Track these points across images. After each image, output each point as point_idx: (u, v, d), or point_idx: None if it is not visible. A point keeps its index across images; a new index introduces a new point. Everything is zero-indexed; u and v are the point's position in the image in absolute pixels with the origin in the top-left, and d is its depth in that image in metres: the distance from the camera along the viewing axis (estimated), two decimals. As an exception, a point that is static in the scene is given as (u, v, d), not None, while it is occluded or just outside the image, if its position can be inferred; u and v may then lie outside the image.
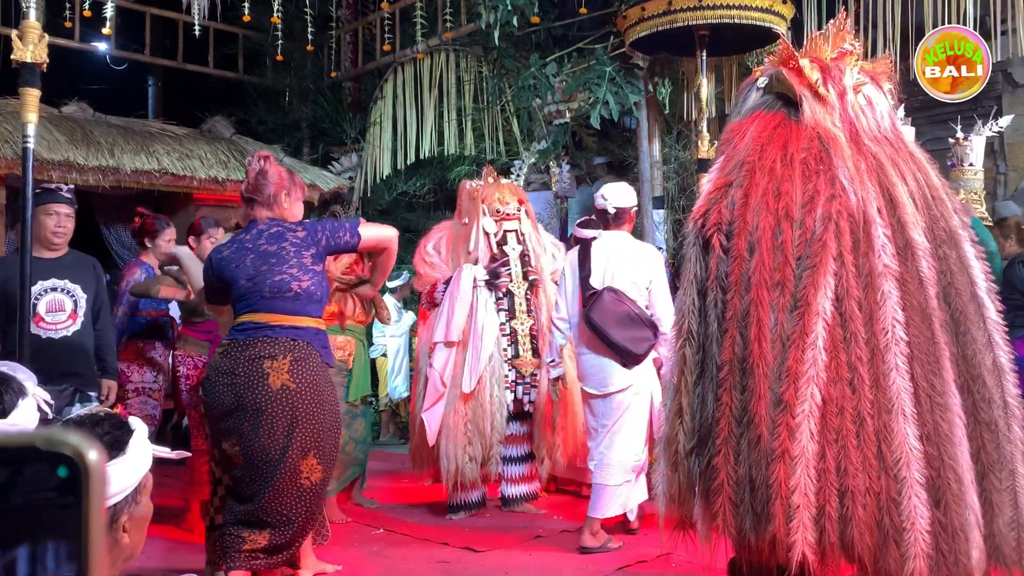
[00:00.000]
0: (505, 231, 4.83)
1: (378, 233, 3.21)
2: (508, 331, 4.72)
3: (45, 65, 3.22)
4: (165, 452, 1.51)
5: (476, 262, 4.76)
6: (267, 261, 2.97)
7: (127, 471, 1.35)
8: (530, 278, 4.82)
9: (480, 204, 4.84)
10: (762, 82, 2.78)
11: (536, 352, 4.74)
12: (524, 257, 4.85)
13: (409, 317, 7.53)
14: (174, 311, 6.60)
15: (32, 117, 3.19)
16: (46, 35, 3.23)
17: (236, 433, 2.96)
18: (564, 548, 4.06)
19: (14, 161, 6.43)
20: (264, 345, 2.95)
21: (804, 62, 2.66)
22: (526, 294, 4.80)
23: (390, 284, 7.24)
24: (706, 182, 2.72)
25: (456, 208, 5.07)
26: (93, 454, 0.45)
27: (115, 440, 1.36)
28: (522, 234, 4.88)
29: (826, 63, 2.70)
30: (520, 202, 4.92)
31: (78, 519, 0.45)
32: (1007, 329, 2.53)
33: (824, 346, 2.34)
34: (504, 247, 4.81)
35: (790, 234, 2.45)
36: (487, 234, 4.80)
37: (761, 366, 2.37)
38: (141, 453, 1.38)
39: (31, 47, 3.14)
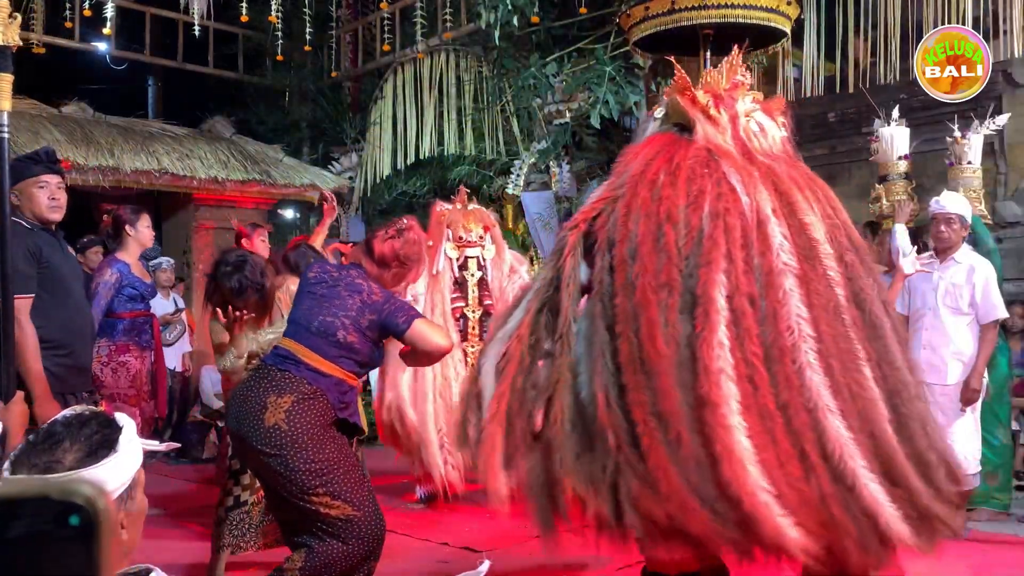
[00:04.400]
0: (467, 257, 5.03)
1: (427, 339, 2.86)
2: (460, 354, 4.87)
3: (16, 47, 2.92)
4: (154, 445, 1.51)
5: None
6: (332, 300, 2.90)
7: (120, 468, 1.34)
8: (485, 302, 5.02)
9: (445, 229, 5.04)
10: (659, 112, 2.92)
11: None
12: (483, 283, 5.04)
13: None
14: (156, 308, 6.57)
15: (6, 104, 2.90)
16: (18, 15, 2.95)
17: (241, 458, 2.94)
18: (564, 548, 4.06)
19: (14, 161, 6.43)
20: (279, 379, 2.85)
21: (698, 91, 2.78)
22: (480, 319, 4.99)
23: None
24: (590, 197, 2.81)
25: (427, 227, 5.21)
26: (103, 503, 0.46)
27: (105, 439, 1.36)
28: (483, 260, 5.07)
29: (719, 92, 2.83)
30: (486, 229, 5.11)
31: (90, 566, 0.45)
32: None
33: (728, 340, 2.34)
34: (464, 272, 5.00)
35: (673, 236, 2.47)
36: (449, 258, 5.02)
37: (662, 364, 2.36)
38: (132, 449, 1.38)
39: (1, 27, 2.85)
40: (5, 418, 2.29)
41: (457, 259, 5.00)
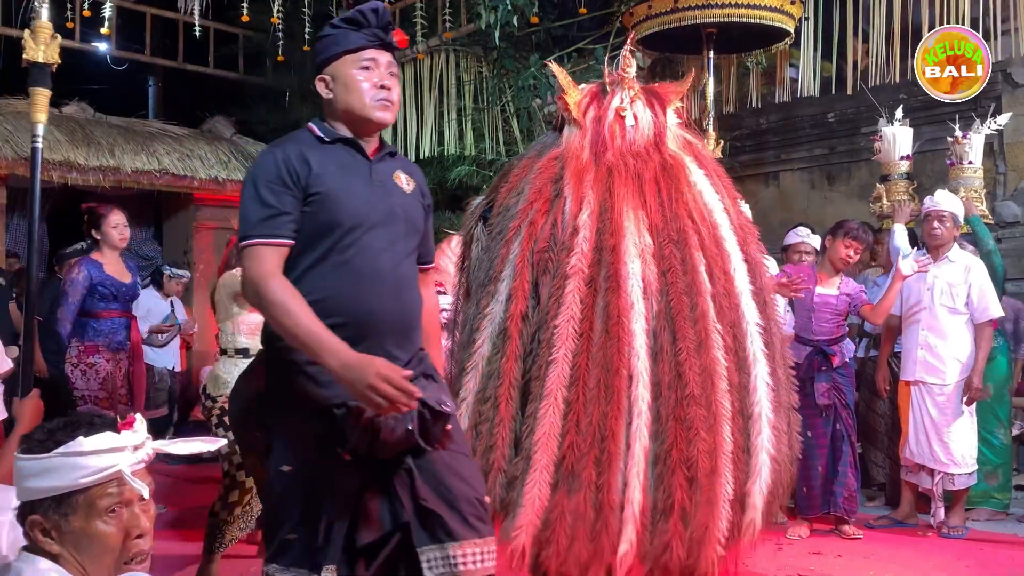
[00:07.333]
0: None
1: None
2: None
3: (56, 66, 3.25)
4: (187, 447, 1.52)
5: None
6: None
7: (96, 456, 1.37)
8: None
9: None
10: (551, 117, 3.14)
11: None
12: None
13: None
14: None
15: (42, 117, 3.22)
16: (58, 36, 3.27)
17: None
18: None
19: (15, 161, 6.43)
20: None
21: (571, 95, 2.89)
22: None
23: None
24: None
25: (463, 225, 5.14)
26: None
27: (98, 424, 1.40)
28: None
29: (598, 90, 2.93)
30: None
31: None
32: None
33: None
34: None
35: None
36: None
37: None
38: (112, 443, 1.39)
39: (42, 47, 3.19)
40: (19, 411, 2.33)
41: None
